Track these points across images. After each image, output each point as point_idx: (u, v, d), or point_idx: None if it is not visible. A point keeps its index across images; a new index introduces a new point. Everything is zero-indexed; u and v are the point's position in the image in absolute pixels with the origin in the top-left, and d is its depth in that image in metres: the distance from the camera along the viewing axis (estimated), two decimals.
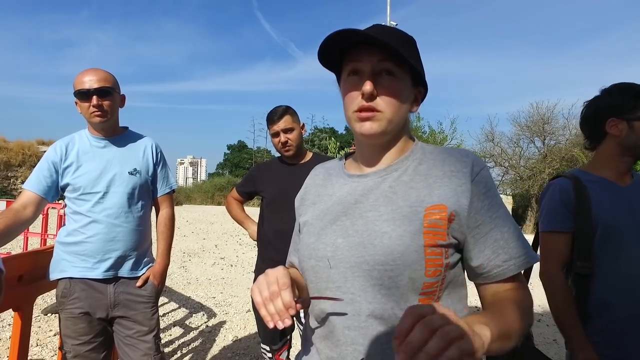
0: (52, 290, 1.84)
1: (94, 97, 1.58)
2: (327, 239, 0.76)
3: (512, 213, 12.56)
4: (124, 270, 1.68)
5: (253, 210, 2.27)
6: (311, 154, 2.13)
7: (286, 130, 1.99)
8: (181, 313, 4.05)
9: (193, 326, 3.70)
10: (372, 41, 0.71)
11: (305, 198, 0.89)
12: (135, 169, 1.70)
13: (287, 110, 2.02)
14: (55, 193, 1.66)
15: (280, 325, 0.65)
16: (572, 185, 1.29)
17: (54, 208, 4.83)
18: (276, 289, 0.67)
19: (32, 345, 2.98)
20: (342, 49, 0.75)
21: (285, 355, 2.08)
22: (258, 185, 2.15)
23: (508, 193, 14.69)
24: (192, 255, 7.09)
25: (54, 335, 3.31)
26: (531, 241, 1.27)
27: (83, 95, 1.60)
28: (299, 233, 0.87)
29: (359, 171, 0.81)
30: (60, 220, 4.92)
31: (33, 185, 1.61)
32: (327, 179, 0.87)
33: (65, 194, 1.67)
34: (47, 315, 3.81)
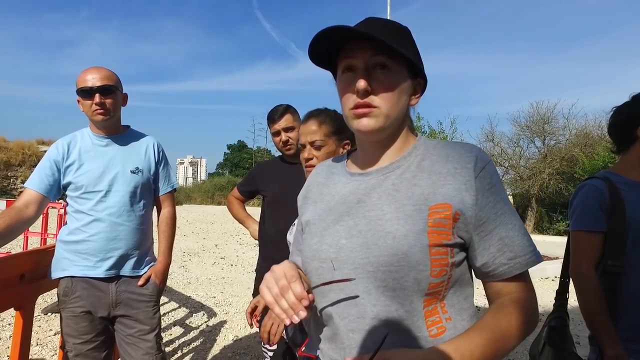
0: (52, 290, 1.84)
1: (96, 95, 1.58)
2: (330, 239, 0.75)
3: None
4: (126, 269, 1.67)
5: (254, 210, 2.26)
6: None
7: (287, 129, 1.99)
8: (181, 312, 4.05)
9: (193, 326, 3.69)
10: (361, 36, 0.69)
11: (307, 197, 0.88)
12: (137, 168, 1.70)
13: (288, 109, 2.02)
14: (57, 192, 1.66)
15: (296, 319, 0.63)
16: (607, 186, 1.32)
17: (54, 207, 4.83)
18: (285, 282, 0.66)
19: (32, 345, 2.97)
20: (336, 46, 0.73)
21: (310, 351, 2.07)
22: (259, 184, 2.15)
23: (508, 193, 14.60)
24: (192, 255, 7.08)
25: (54, 334, 3.31)
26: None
27: (86, 93, 1.59)
28: (302, 232, 0.86)
29: (361, 169, 0.80)
30: (60, 219, 4.91)
31: (35, 184, 1.61)
32: (330, 178, 0.85)
33: (67, 192, 1.67)
34: (47, 314, 3.80)
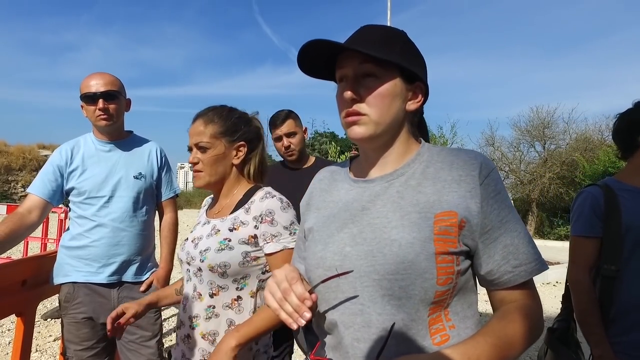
0: (53, 295, 1.83)
1: (100, 101, 1.59)
2: (334, 247, 0.74)
3: None
4: (128, 275, 1.67)
5: None
6: (314, 159, 2.13)
7: (289, 135, 1.99)
8: None
9: None
10: (339, 49, 0.72)
11: (310, 203, 0.87)
12: (140, 173, 1.70)
13: (289, 115, 2.02)
14: (60, 197, 1.66)
15: (302, 322, 0.62)
16: (602, 193, 1.35)
17: (54, 212, 4.83)
18: (286, 285, 0.66)
19: (31, 351, 2.96)
20: (334, 57, 0.75)
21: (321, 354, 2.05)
22: None
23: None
24: None
25: (54, 340, 3.29)
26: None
27: (89, 98, 1.60)
28: (304, 240, 0.85)
29: (364, 176, 0.80)
30: (61, 224, 4.90)
31: (38, 189, 1.61)
32: (333, 184, 0.85)
33: (70, 197, 1.67)
34: (46, 320, 3.78)
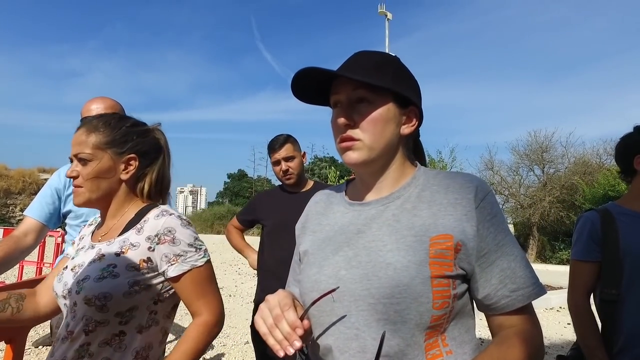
0: (45, 322, 1.79)
1: None
2: (329, 270, 0.73)
3: None
4: None
5: (253, 239, 2.25)
6: (312, 183, 2.14)
7: (287, 159, 2.01)
8: None
9: None
10: (331, 76, 0.73)
11: (306, 226, 0.87)
12: None
13: (288, 139, 2.05)
14: (57, 220, 1.65)
15: (291, 351, 0.61)
16: (599, 217, 1.37)
17: (51, 236, 4.79)
18: (279, 312, 0.64)
19: None
20: (329, 84, 0.77)
21: None
22: (259, 213, 2.15)
23: (509, 221, 14.61)
24: None
25: None
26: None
27: None
28: (299, 262, 0.85)
29: (360, 199, 0.80)
30: (57, 248, 4.85)
31: (35, 212, 1.61)
32: (328, 207, 0.85)
33: (67, 221, 1.67)
34: (37, 347, 3.69)
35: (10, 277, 6.01)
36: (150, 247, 0.94)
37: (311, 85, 0.77)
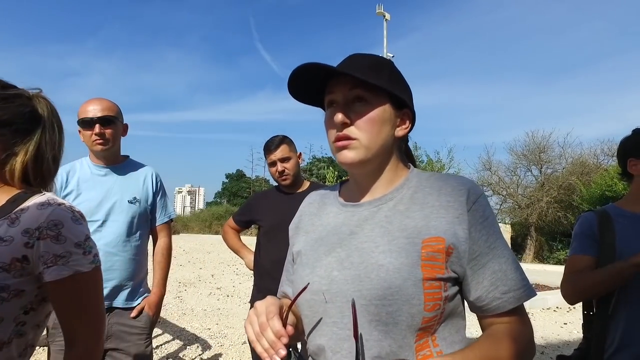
0: None
1: (96, 126, 1.62)
2: (322, 271, 0.74)
3: (511, 242, 12.45)
4: (119, 301, 1.65)
5: (250, 239, 2.26)
6: (309, 183, 2.15)
7: (283, 160, 2.01)
8: (175, 345, 3.93)
9: (187, 359, 3.58)
10: (333, 73, 0.72)
11: (299, 227, 0.87)
12: (134, 198, 1.71)
13: (283, 140, 2.05)
14: None
15: (276, 359, 0.61)
16: (597, 218, 1.38)
17: None
18: (264, 319, 0.64)
19: None
20: (323, 83, 0.76)
21: None
22: (255, 214, 2.16)
23: (507, 222, 14.63)
24: (187, 285, 6.95)
25: None
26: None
27: (86, 123, 1.63)
28: (293, 263, 0.85)
29: (353, 200, 0.80)
30: None
31: None
32: (322, 208, 0.85)
33: None
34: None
35: None
36: (28, 243, 0.74)
37: (306, 84, 0.76)
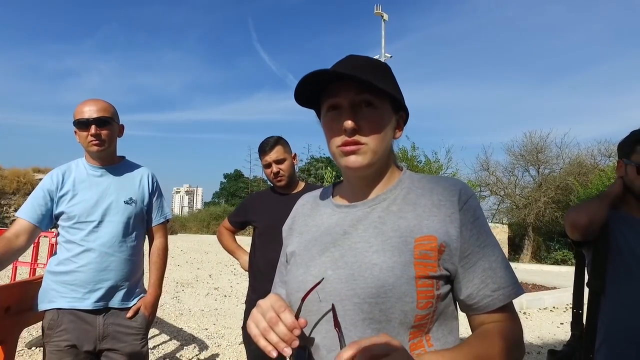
0: (38, 323, 1.79)
1: (92, 127, 1.61)
2: (316, 271, 0.74)
3: (508, 242, 12.47)
4: (115, 301, 1.64)
5: (247, 240, 2.26)
6: (304, 184, 2.15)
7: (278, 161, 2.01)
8: (172, 345, 3.93)
9: (184, 359, 3.58)
10: (348, 79, 0.71)
11: (293, 228, 0.88)
12: (130, 198, 1.71)
13: (278, 141, 2.05)
14: (49, 222, 1.65)
15: (288, 352, 0.61)
16: None
17: (45, 237, 4.76)
18: (273, 314, 0.65)
19: None
20: (318, 85, 0.75)
21: None
22: (250, 215, 2.16)
23: (504, 222, 14.68)
24: (185, 285, 6.93)
25: None
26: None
27: (82, 124, 1.62)
28: (286, 264, 0.86)
29: (347, 201, 0.81)
30: (51, 249, 4.81)
31: (27, 214, 1.61)
32: (315, 209, 0.86)
33: (59, 222, 1.67)
34: (30, 349, 3.67)
35: (4, 278, 5.97)
36: None
37: (308, 88, 0.76)
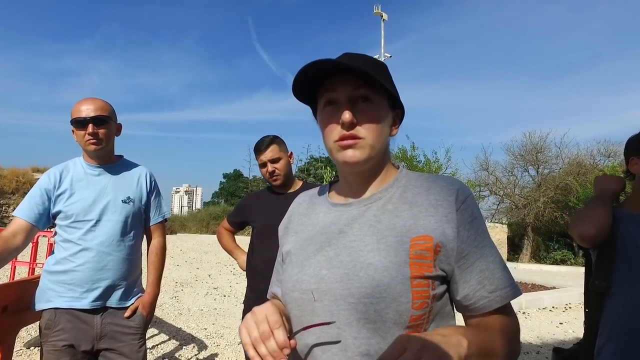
0: (35, 322, 1.79)
1: (89, 125, 1.61)
2: (311, 270, 0.74)
3: (508, 242, 12.46)
4: (113, 300, 1.64)
5: (247, 239, 2.26)
6: (301, 183, 2.14)
7: (273, 160, 2.00)
8: (171, 345, 3.92)
9: (183, 359, 3.57)
10: (347, 70, 0.70)
11: (289, 227, 0.87)
12: (128, 197, 1.70)
13: (273, 140, 2.04)
14: (47, 221, 1.65)
15: None
16: None
17: (44, 236, 4.75)
18: (267, 328, 0.64)
19: None
20: (315, 81, 0.75)
21: None
22: (248, 215, 2.15)
23: (504, 222, 14.68)
24: (184, 285, 6.93)
25: None
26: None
27: (79, 123, 1.62)
28: (282, 263, 0.85)
29: (343, 200, 0.80)
30: (50, 248, 4.81)
31: (24, 213, 1.60)
32: (311, 208, 0.85)
33: (57, 221, 1.66)
34: (29, 348, 3.67)
35: (2, 277, 5.96)
36: None
37: (306, 82, 0.75)
